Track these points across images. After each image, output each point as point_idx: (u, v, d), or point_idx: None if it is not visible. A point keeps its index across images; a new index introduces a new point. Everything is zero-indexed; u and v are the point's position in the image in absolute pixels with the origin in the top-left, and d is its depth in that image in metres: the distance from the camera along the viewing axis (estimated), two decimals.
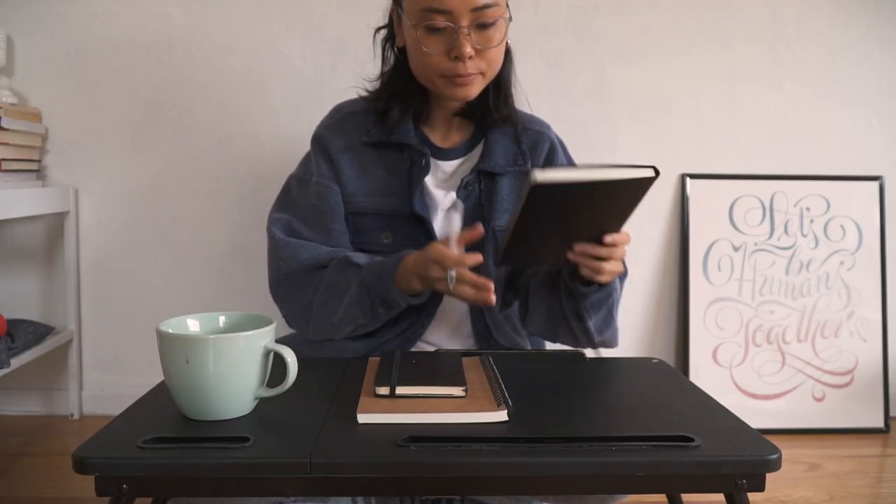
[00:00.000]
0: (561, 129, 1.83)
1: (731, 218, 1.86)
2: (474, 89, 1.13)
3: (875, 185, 1.87)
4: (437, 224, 1.20)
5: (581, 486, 0.77)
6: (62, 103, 1.82)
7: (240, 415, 0.79)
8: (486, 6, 1.06)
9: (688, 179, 1.86)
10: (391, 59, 1.22)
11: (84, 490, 1.43)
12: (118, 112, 1.83)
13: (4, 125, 1.60)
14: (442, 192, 1.20)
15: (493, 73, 1.14)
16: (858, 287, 1.86)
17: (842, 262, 1.86)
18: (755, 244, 1.86)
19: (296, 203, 1.22)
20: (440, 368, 0.93)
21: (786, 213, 1.86)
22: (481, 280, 0.97)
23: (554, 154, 1.25)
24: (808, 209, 1.86)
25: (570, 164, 1.29)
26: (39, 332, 1.73)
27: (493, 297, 0.98)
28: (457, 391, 0.83)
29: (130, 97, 1.83)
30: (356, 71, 1.36)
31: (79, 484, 1.44)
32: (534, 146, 1.24)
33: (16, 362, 1.59)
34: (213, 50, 1.81)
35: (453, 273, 0.97)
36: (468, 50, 1.07)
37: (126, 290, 1.88)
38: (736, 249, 1.86)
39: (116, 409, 0.83)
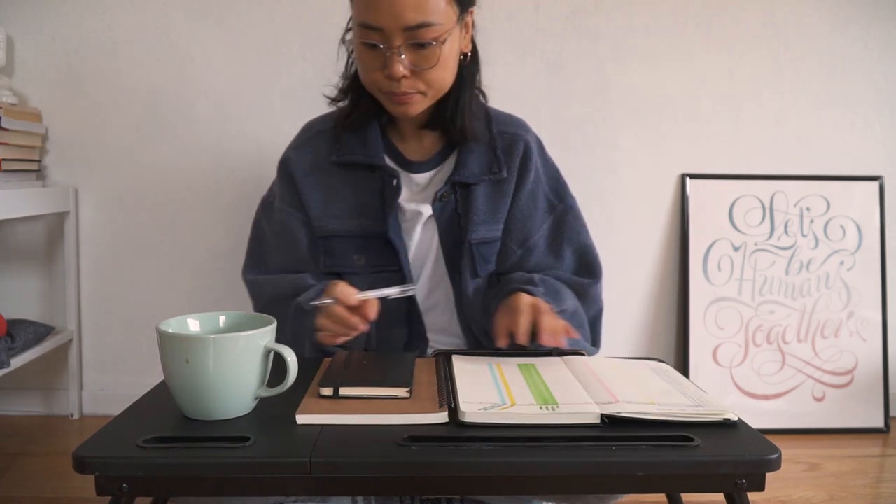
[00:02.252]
0: (561, 128, 1.85)
1: (731, 218, 1.86)
2: (414, 108, 1.09)
3: (875, 185, 1.87)
4: (417, 239, 1.18)
5: (581, 486, 0.77)
6: (62, 103, 1.82)
7: (240, 414, 0.79)
8: (421, 26, 1.01)
9: (688, 179, 1.86)
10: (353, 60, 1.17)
11: (84, 490, 1.43)
12: (118, 112, 1.83)
13: (4, 125, 1.60)
14: (416, 206, 1.17)
15: (437, 91, 1.10)
16: (858, 287, 1.86)
17: (842, 262, 1.86)
18: (755, 244, 1.86)
19: (263, 231, 1.26)
20: (389, 369, 0.91)
21: (786, 213, 1.86)
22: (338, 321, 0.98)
23: (528, 158, 1.20)
24: (808, 209, 1.86)
25: (547, 165, 1.25)
26: (39, 332, 1.73)
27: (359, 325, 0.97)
28: (401, 392, 0.82)
29: (130, 97, 1.83)
30: None
31: (79, 484, 1.44)
32: (509, 150, 1.19)
33: (16, 362, 1.59)
34: (213, 50, 1.81)
35: (327, 301, 0.98)
36: (398, 70, 1.03)
37: (126, 290, 1.88)
38: (736, 249, 1.86)
39: (116, 409, 0.83)
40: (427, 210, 1.17)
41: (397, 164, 1.19)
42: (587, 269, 1.24)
